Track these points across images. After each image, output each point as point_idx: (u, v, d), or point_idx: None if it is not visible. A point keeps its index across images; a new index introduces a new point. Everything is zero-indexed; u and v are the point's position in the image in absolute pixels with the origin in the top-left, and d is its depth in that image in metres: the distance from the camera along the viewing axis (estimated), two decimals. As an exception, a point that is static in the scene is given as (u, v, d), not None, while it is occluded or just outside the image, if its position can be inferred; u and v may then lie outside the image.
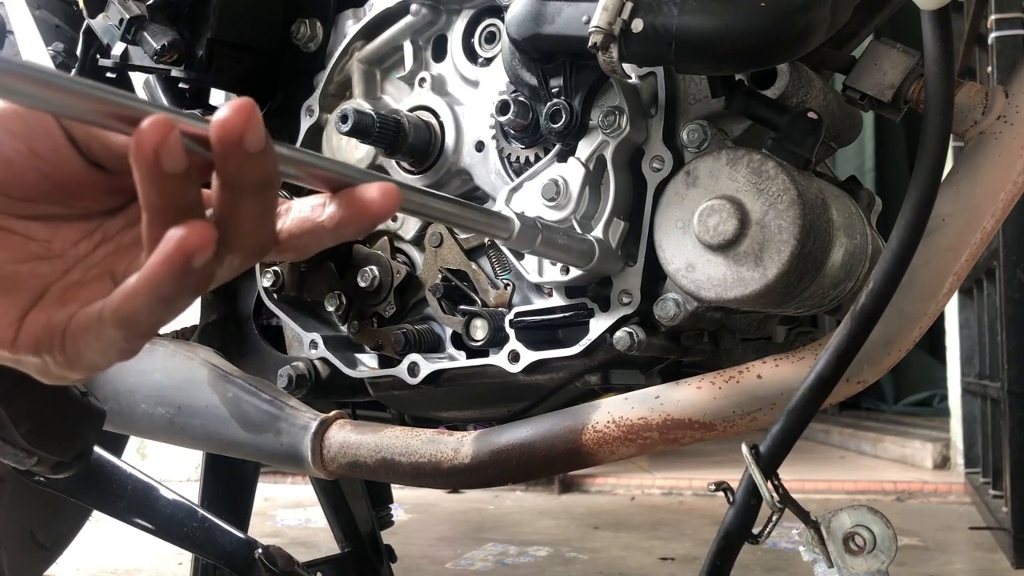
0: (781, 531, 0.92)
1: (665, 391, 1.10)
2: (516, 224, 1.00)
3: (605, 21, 0.97)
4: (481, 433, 1.20)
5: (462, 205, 0.98)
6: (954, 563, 3.19)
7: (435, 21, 1.35)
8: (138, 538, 1.59)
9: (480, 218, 0.99)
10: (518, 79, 1.17)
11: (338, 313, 1.39)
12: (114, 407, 1.38)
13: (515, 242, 1.01)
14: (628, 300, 1.13)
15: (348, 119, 1.21)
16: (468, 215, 0.98)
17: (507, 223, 1.00)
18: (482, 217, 0.99)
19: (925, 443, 5.34)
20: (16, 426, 1.08)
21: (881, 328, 0.97)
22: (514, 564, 3.14)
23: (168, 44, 1.36)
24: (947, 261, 1.02)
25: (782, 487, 0.96)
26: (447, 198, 0.91)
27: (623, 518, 4.14)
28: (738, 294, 1.00)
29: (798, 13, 0.94)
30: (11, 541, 1.86)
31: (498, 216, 1.00)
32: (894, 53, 1.06)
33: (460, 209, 0.96)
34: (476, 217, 0.98)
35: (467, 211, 0.98)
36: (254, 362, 1.53)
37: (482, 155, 1.28)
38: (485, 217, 0.99)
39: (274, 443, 1.30)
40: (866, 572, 0.95)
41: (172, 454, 4.67)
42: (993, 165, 1.03)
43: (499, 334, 1.24)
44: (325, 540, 2.64)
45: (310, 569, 1.40)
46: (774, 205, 0.98)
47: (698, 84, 1.13)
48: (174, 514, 1.42)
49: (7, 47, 1.62)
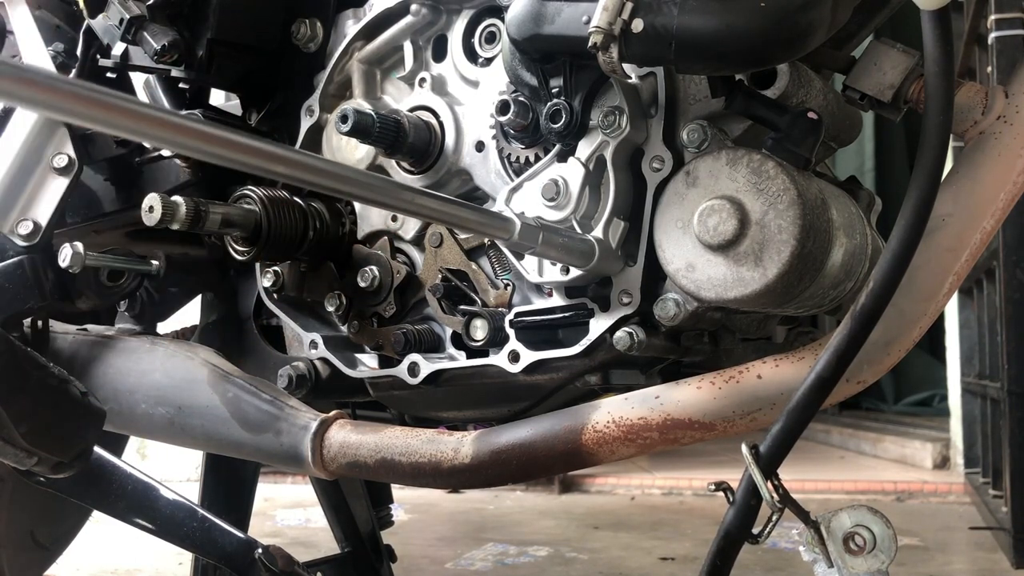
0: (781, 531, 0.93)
1: (665, 391, 1.10)
2: (517, 225, 1.01)
3: (605, 21, 0.97)
4: (481, 433, 1.20)
5: (463, 207, 0.98)
6: (954, 563, 3.19)
7: (435, 21, 1.35)
8: (138, 538, 1.59)
9: (481, 219, 0.99)
10: (518, 79, 1.17)
11: (338, 313, 1.39)
12: (114, 407, 1.38)
13: (516, 243, 1.02)
14: (628, 300, 1.13)
15: (348, 119, 1.21)
16: (469, 217, 0.98)
17: (508, 224, 1.00)
18: (483, 218, 0.99)
19: (925, 443, 5.34)
20: (16, 426, 1.08)
21: (881, 328, 0.97)
22: (514, 564, 3.14)
23: (168, 44, 1.36)
24: (947, 261, 1.02)
25: (782, 487, 0.96)
26: (449, 200, 0.92)
27: (623, 518, 4.14)
28: (738, 294, 1.00)
29: (798, 13, 0.94)
30: (11, 541, 1.86)
31: (499, 217, 1.00)
32: (894, 53, 1.06)
33: (461, 211, 0.97)
34: (477, 218, 0.98)
35: (468, 213, 0.98)
36: (254, 362, 1.53)
37: (482, 155, 1.28)
38: (486, 218, 0.99)
39: (274, 443, 1.30)
40: (866, 572, 0.95)
41: (172, 454, 4.67)
42: (993, 165, 1.03)
43: (499, 334, 1.24)
44: (325, 540, 2.64)
45: (310, 569, 1.40)
46: (774, 205, 0.98)
47: (698, 84, 1.13)
48: (174, 514, 1.42)
49: (7, 47, 1.62)
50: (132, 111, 0.56)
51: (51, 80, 0.49)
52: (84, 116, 0.52)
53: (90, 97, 0.50)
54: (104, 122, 0.55)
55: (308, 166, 0.80)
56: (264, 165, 0.76)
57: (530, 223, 1.03)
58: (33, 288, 1.38)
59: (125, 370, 1.43)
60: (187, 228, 1.20)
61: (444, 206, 0.96)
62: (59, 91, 0.49)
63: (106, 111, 0.53)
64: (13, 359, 1.10)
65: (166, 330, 1.66)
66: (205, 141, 0.68)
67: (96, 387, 1.40)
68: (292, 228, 1.33)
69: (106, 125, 0.55)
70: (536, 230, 1.03)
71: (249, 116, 1.55)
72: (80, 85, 0.51)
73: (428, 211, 0.95)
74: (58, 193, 1.39)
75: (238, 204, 1.31)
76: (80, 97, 0.49)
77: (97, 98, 0.50)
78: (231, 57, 1.45)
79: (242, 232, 1.30)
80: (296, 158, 0.79)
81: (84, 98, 0.49)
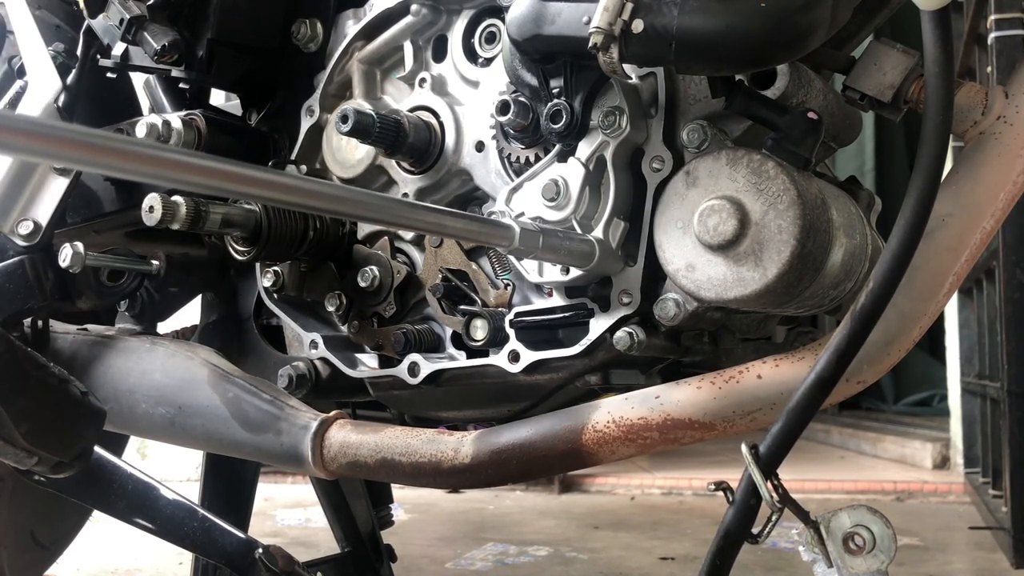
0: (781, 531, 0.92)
1: (665, 391, 1.10)
2: (517, 231, 1.01)
3: (605, 22, 0.97)
4: (481, 433, 1.20)
5: (463, 217, 0.99)
6: (954, 563, 3.19)
7: (435, 21, 1.35)
8: (138, 538, 1.59)
9: (481, 228, 0.99)
10: (519, 79, 1.17)
11: (338, 313, 1.39)
12: (114, 407, 1.38)
13: (517, 249, 1.02)
14: (628, 300, 1.14)
15: (348, 119, 1.21)
16: (469, 227, 0.98)
17: (508, 231, 1.00)
18: (483, 228, 0.99)
19: (925, 443, 5.34)
20: (16, 426, 1.08)
21: (881, 328, 0.97)
22: (514, 564, 3.14)
23: (168, 44, 1.36)
24: (947, 261, 1.02)
25: (782, 487, 0.96)
26: (448, 211, 0.92)
27: (623, 518, 4.14)
28: (738, 294, 1.00)
29: (798, 14, 0.94)
30: (11, 541, 1.85)
31: (499, 225, 1.00)
32: (894, 53, 1.06)
33: (460, 222, 0.97)
34: (477, 228, 0.98)
35: (468, 223, 0.98)
36: (254, 362, 1.53)
37: (482, 155, 1.28)
38: (486, 227, 1.00)
39: (274, 443, 1.30)
40: (866, 572, 0.95)
41: (172, 454, 4.67)
42: (993, 165, 1.03)
43: (499, 334, 1.24)
44: (325, 540, 2.64)
45: (310, 569, 1.40)
46: (774, 205, 0.98)
47: (698, 84, 1.13)
48: (174, 514, 1.42)
49: (7, 47, 1.62)
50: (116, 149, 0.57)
51: (35, 127, 0.49)
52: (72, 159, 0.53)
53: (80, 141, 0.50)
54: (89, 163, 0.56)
55: (302, 190, 0.80)
56: (252, 191, 0.76)
57: (529, 228, 1.03)
58: (33, 288, 1.38)
59: (125, 370, 1.43)
60: (187, 228, 1.20)
61: (443, 219, 0.96)
62: (45, 137, 0.50)
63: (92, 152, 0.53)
64: (13, 359, 1.10)
65: (166, 330, 1.66)
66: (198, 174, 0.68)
67: (96, 387, 1.40)
68: (292, 228, 1.34)
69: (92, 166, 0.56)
70: (536, 234, 1.03)
71: (249, 116, 1.55)
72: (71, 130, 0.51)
73: (427, 224, 0.96)
74: (58, 193, 1.39)
75: (238, 204, 1.31)
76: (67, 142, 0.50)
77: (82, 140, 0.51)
78: (231, 57, 1.45)
79: (242, 232, 1.30)
80: (289, 183, 0.79)
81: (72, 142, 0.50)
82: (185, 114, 1.42)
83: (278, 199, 0.78)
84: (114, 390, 1.42)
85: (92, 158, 0.56)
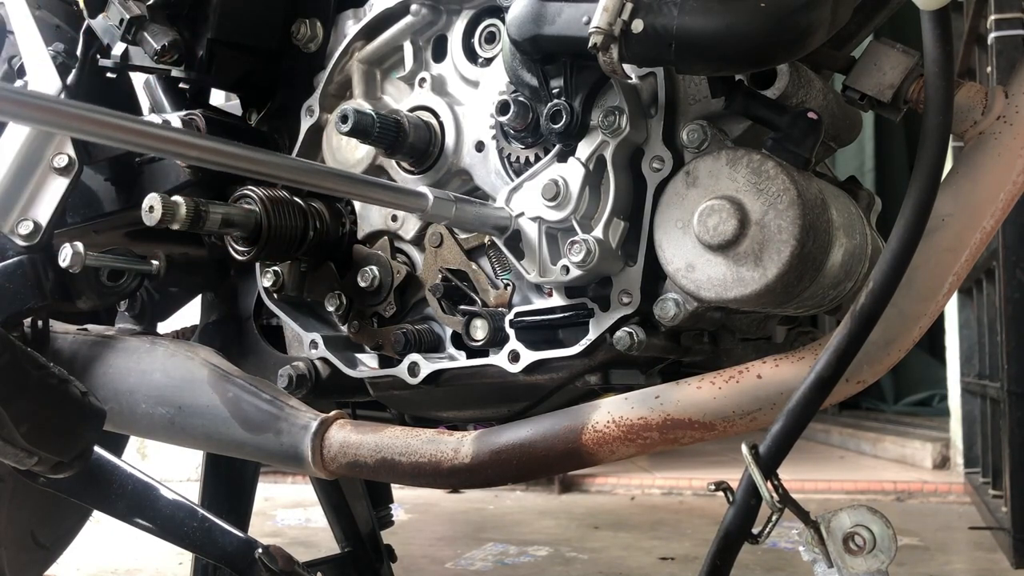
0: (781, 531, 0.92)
1: (665, 391, 1.10)
2: (431, 198, 1.10)
3: (605, 22, 0.97)
4: (481, 433, 1.20)
5: (374, 184, 1.08)
6: (954, 563, 3.19)
7: (435, 21, 1.35)
8: (138, 538, 1.59)
9: (394, 196, 1.10)
10: (518, 79, 1.17)
11: (338, 313, 1.39)
12: (114, 407, 1.38)
13: (432, 215, 1.11)
14: (628, 300, 1.14)
15: (348, 119, 1.21)
16: (381, 195, 1.09)
17: (421, 199, 1.10)
18: (395, 195, 1.10)
19: (925, 443, 5.34)
20: (16, 426, 1.07)
21: (881, 328, 0.97)
22: (514, 564, 3.14)
23: (168, 44, 1.36)
24: (947, 261, 1.02)
25: (782, 487, 0.96)
26: (356, 177, 1.00)
27: (623, 518, 4.14)
28: (738, 294, 1.00)
29: (798, 14, 0.94)
30: (11, 541, 1.85)
31: (412, 192, 1.10)
32: (894, 53, 1.06)
33: (372, 189, 1.06)
34: (390, 196, 1.10)
35: (380, 190, 1.08)
36: (254, 362, 1.53)
37: (482, 155, 1.28)
38: (399, 195, 1.10)
39: (274, 443, 1.30)
40: (866, 572, 0.95)
41: (172, 454, 4.67)
42: (993, 165, 1.03)
43: (499, 334, 1.24)
44: (325, 540, 2.64)
45: (310, 569, 1.40)
46: (774, 205, 0.98)
47: (698, 84, 1.13)
48: (174, 514, 1.42)
49: (7, 47, 1.62)
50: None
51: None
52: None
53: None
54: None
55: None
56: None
57: (442, 196, 1.11)
58: (33, 288, 1.38)
59: (125, 370, 1.43)
60: (187, 228, 1.20)
61: (354, 185, 1.06)
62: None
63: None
64: (13, 359, 1.10)
65: (166, 330, 1.66)
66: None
67: (96, 387, 1.40)
68: (292, 228, 1.34)
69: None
70: (449, 203, 1.11)
71: (249, 116, 1.55)
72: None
73: (336, 189, 1.05)
74: (58, 193, 1.39)
75: (238, 204, 1.31)
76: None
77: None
78: (231, 57, 1.45)
79: (242, 232, 1.30)
80: (202, 143, 0.90)
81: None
82: (185, 114, 1.43)
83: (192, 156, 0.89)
84: (114, 390, 1.41)
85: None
